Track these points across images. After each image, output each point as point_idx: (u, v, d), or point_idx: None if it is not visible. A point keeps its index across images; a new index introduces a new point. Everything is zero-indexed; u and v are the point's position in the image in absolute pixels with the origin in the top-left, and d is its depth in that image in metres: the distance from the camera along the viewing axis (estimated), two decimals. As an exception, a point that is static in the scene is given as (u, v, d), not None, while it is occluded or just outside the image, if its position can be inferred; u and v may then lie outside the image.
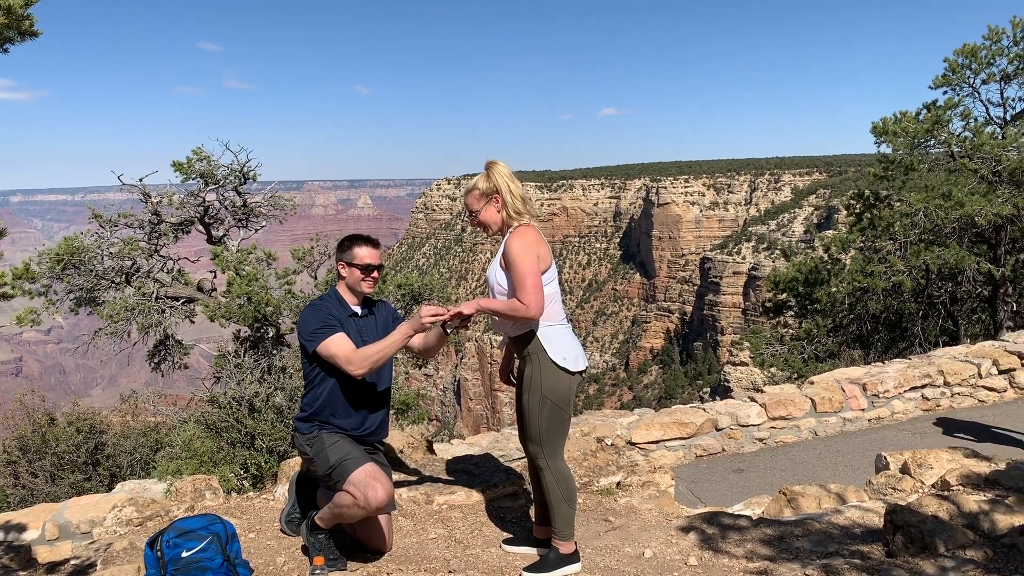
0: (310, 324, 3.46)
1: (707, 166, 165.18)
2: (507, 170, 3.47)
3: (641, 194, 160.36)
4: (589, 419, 7.02)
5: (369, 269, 3.58)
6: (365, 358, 3.37)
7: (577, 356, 3.43)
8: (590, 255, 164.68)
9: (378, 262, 3.61)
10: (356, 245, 3.60)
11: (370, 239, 3.66)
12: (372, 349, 3.39)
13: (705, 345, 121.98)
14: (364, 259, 3.58)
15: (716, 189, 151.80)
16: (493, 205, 3.45)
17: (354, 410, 3.53)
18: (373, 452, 3.65)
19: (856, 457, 6.49)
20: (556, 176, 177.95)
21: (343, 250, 3.62)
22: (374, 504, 3.31)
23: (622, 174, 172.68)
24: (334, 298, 3.61)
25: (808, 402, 7.22)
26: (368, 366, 3.38)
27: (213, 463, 6.03)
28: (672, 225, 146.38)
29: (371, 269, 3.58)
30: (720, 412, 7.04)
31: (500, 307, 3.29)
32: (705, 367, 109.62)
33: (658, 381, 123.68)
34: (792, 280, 14.37)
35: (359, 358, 3.37)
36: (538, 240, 3.37)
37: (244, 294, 9.66)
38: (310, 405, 3.53)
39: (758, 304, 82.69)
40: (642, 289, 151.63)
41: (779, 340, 14.64)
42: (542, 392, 3.36)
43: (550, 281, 3.41)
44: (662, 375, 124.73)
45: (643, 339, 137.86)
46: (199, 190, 11.29)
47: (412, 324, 3.30)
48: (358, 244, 3.60)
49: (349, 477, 3.34)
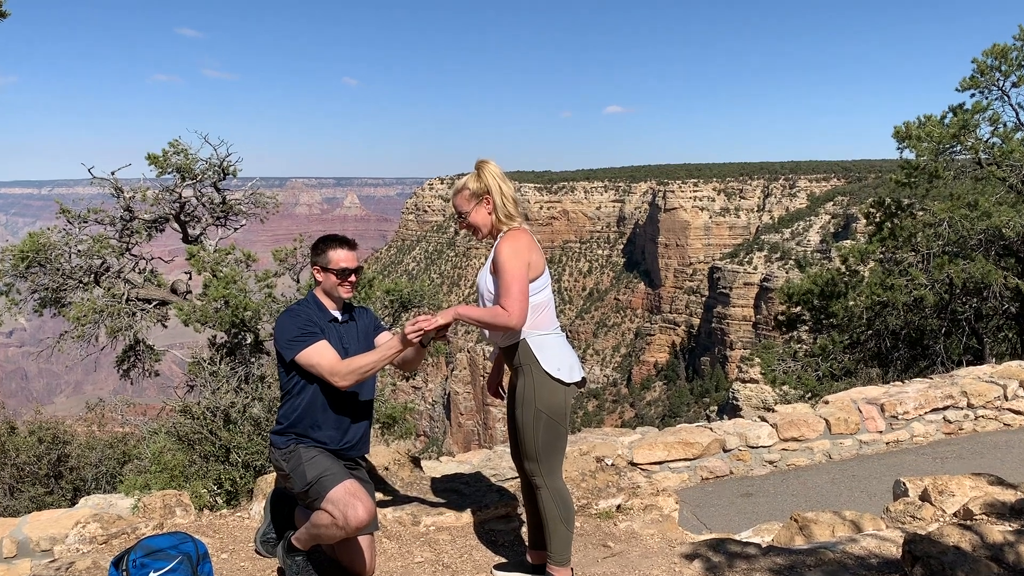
0: (288, 331, 3.46)
1: (718, 169, 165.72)
2: (498, 170, 3.48)
3: (647, 198, 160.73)
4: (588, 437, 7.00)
5: (345, 273, 3.58)
6: (353, 370, 3.37)
7: (572, 366, 3.44)
8: (591, 262, 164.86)
9: (355, 265, 3.61)
10: (330, 248, 3.60)
11: (345, 240, 3.65)
12: (361, 361, 3.39)
13: (713, 360, 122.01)
14: (339, 262, 3.57)
15: (727, 194, 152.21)
16: (483, 207, 3.46)
17: (334, 422, 3.52)
18: (354, 468, 3.64)
19: (873, 482, 6.48)
20: (556, 177, 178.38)
21: (317, 253, 3.62)
22: (354, 524, 3.29)
23: (627, 176, 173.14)
24: (313, 303, 3.61)
25: (822, 423, 7.22)
26: (355, 379, 3.39)
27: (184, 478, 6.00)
28: (679, 232, 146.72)
29: (347, 273, 3.58)
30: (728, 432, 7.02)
31: (480, 315, 3.29)
32: (712, 384, 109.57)
33: (662, 398, 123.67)
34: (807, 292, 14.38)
35: (346, 369, 3.37)
36: (530, 245, 3.38)
37: (221, 297, 9.64)
38: (286, 417, 3.52)
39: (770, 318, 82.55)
40: (646, 299, 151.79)
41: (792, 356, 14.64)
42: (536, 406, 3.36)
43: (542, 288, 3.42)
44: (666, 392, 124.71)
45: (647, 353, 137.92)
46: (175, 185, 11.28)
47: (402, 338, 3.31)
48: (332, 246, 3.60)
49: (328, 495, 3.33)
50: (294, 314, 3.52)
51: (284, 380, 3.54)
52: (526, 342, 3.40)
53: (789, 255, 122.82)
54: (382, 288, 11.26)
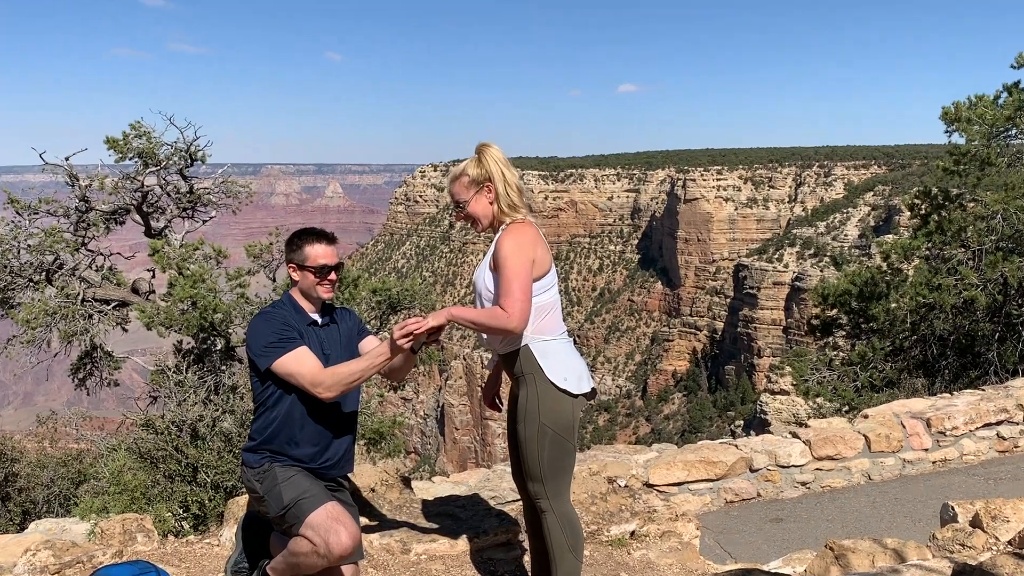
0: (263, 336, 3.46)
1: (744, 155, 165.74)
2: (501, 155, 3.50)
3: (665, 187, 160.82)
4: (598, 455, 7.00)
5: (324, 271, 3.58)
6: (338, 380, 3.37)
7: (580, 375, 3.45)
8: (602, 259, 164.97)
9: (335, 261, 3.62)
10: (307, 242, 3.60)
11: (323, 234, 3.66)
12: (347, 370, 3.39)
13: (738, 369, 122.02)
14: (318, 259, 3.58)
15: (755, 183, 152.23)
16: (484, 195, 3.48)
17: (314, 438, 3.53)
18: (336, 489, 3.65)
19: (917, 506, 6.47)
20: (563, 164, 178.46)
21: (292, 249, 3.63)
22: (337, 552, 3.29)
23: (642, 163, 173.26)
24: (289, 305, 3.62)
25: (861, 440, 7.22)
26: (340, 390, 3.39)
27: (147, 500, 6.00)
28: (701, 225, 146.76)
29: (327, 270, 3.59)
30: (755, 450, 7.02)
31: (476, 317, 3.30)
32: (738, 396, 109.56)
33: (681, 411, 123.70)
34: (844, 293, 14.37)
35: (331, 379, 3.37)
36: (535, 240, 3.39)
37: (188, 298, 9.65)
38: (260, 432, 3.53)
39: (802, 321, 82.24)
40: (664, 301, 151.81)
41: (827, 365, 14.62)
42: (540, 420, 3.37)
43: (547, 288, 3.43)
44: (686, 404, 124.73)
45: (664, 361, 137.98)
46: (137, 173, 11.28)
47: (391, 344, 3.32)
48: (309, 241, 3.61)
49: (307, 519, 3.33)
50: (269, 317, 3.52)
51: (258, 391, 3.54)
52: (529, 348, 3.40)
53: (824, 251, 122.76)
54: (368, 288, 11.27)
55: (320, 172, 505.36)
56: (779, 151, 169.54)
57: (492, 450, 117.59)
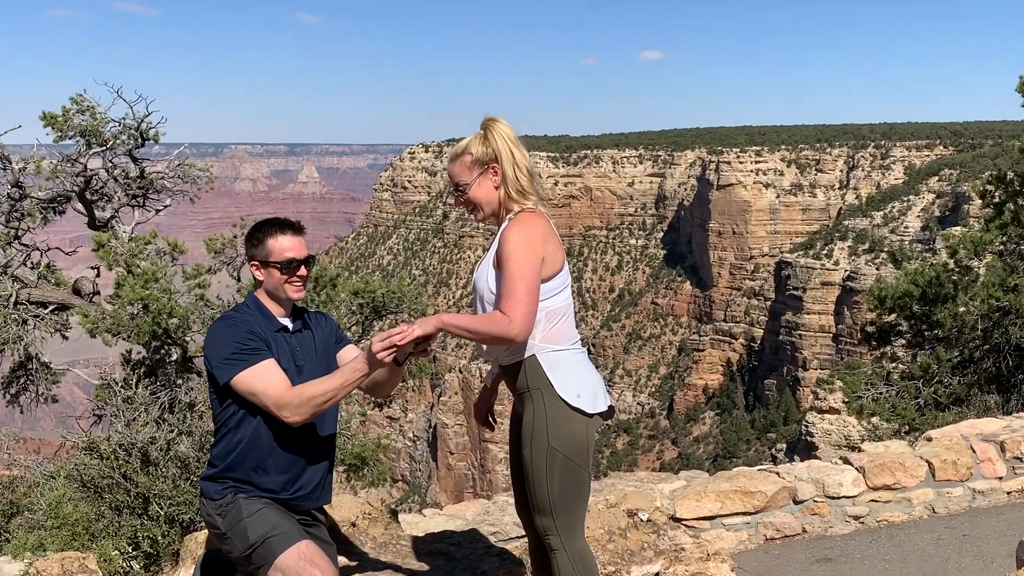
0: (223, 345, 3.47)
1: (788, 134, 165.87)
2: (511, 132, 3.51)
3: (695, 171, 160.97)
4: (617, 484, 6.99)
5: (292, 266, 3.58)
6: (306, 400, 3.37)
7: (596, 392, 3.46)
8: (622, 255, 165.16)
9: (304, 254, 3.62)
10: (269, 235, 3.61)
11: (287, 223, 3.67)
12: (317, 389, 3.38)
13: (780, 384, 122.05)
14: (283, 252, 3.58)
15: (800, 166, 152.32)
16: (489, 178, 3.49)
17: (284, 464, 3.53)
18: (311, 524, 3.65)
19: (990, 543, 6.46)
20: (576, 144, 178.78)
21: (253, 244, 3.63)
22: (311, 598, 3.31)
23: (668, 143, 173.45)
24: (255, 309, 3.62)
25: (923, 466, 7.20)
26: (310, 412, 3.39)
27: (90, 535, 6.00)
28: (737, 215, 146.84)
29: (295, 265, 3.59)
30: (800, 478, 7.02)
31: (471, 323, 3.31)
32: (780, 415, 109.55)
33: (714, 433, 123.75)
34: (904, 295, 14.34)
35: (297, 400, 3.37)
36: (547, 233, 3.40)
37: (138, 300, 9.66)
38: (222, 458, 3.53)
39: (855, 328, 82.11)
40: (694, 304, 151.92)
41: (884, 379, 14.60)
42: (549, 443, 3.38)
43: (559, 290, 3.44)
44: (720, 425, 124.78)
45: (694, 374, 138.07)
46: (79, 154, 11.30)
47: (369, 356, 3.31)
48: (271, 233, 3.61)
49: (276, 561, 3.34)
50: (230, 323, 3.52)
51: (218, 410, 3.54)
52: (536, 360, 3.41)
53: (880, 246, 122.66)
54: (348, 288, 11.27)
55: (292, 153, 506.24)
56: (828, 129, 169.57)
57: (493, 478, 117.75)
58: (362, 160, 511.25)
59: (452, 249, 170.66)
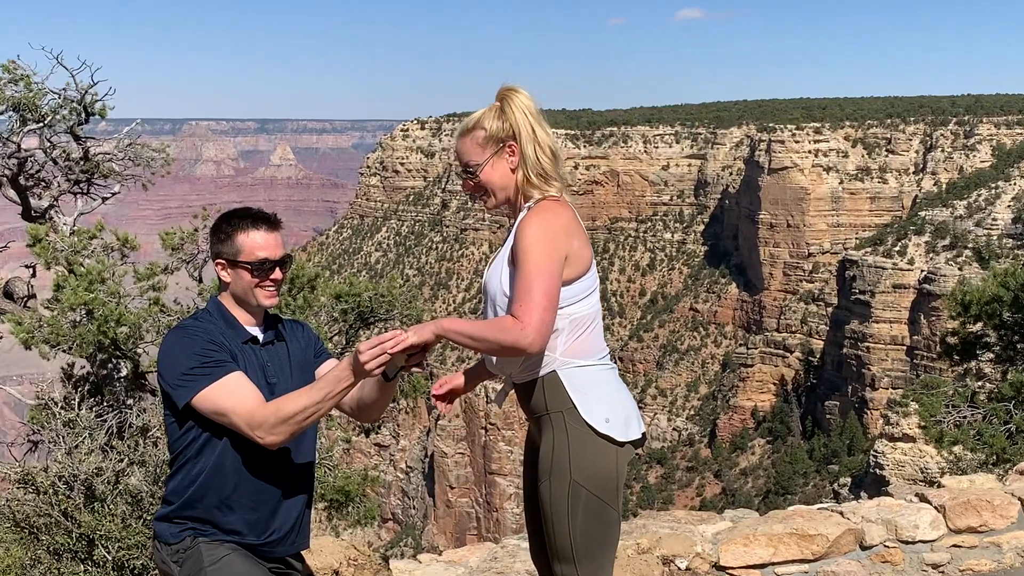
0: (181, 359, 3.46)
1: (853, 108, 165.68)
2: (533, 105, 3.52)
3: (742, 152, 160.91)
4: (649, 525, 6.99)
5: (265, 267, 3.59)
6: (285, 417, 3.37)
7: (628, 416, 3.47)
8: (655, 251, 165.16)
9: (279, 253, 3.63)
10: (240, 229, 3.61)
11: (262, 216, 3.67)
12: (296, 404, 3.38)
13: (844, 406, 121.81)
14: (256, 250, 3.58)
15: (867, 146, 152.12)
16: (504, 159, 3.50)
17: (252, 501, 3.54)
18: (285, 573, 3.66)
19: (1097, 599, 6.44)
20: (600, 120, 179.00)
21: (220, 239, 3.64)
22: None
23: (710, 118, 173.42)
24: (218, 316, 3.63)
25: (1016, 505, 7.19)
26: (289, 431, 3.39)
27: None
28: (793, 204, 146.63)
29: (268, 267, 3.59)
30: (868, 519, 7.01)
31: (475, 330, 3.33)
32: (843, 443, 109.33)
33: (765, 464, 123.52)
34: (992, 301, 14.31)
35: (275, 417, 3.37)
36: (572, 226, 3.41)
37: (82, 305, 9.68)
38: (179, 493, 3.53)
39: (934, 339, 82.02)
40: (741, 310, 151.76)
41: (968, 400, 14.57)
42: (571, 476, 3.37)
43: (585, 294, 3.46)
44: (771, 455, 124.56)
45: (741, 394, 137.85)
46: (11, 132, 11.34)
47: (354, 365, 3.31)
48: (242, 227, 3.62)
49: None
50: (188, 333, 3.53)
51: (175, 436, 3.55)
52: (557, 377, 3.41)
53: (964, 242, 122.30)
54: (329, 291, 11.30)
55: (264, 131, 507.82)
56: (901, 102, 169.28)
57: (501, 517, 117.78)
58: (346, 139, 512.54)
59: (452, 245, 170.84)
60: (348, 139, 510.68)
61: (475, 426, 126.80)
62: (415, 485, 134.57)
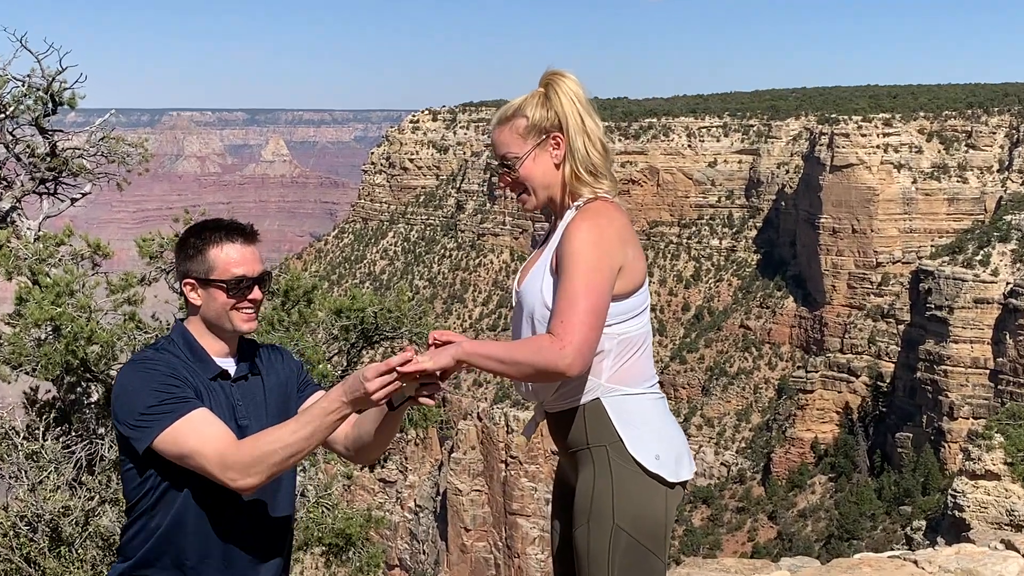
0: (139, 396, 3.41)
1: (928, 96, 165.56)
2: (582, 92, 3.56)
3: (801, 147, 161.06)
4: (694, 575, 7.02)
5: (242, 285, 3.53)
6: (261, 456, 3.31)
7: (679, 453, 3.50)
8: (700, 261, 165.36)
9: (258, 270, 3.58)
10: (211, 243, 3.55)
11: (237, 228, 3.60)
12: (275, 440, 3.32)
13: (918, 438, 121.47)
14: (231, 267, 3.53)
15: (944, 140, 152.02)
16: (548, 151, 3.51)
17: (221, 559, 3.51)
18: None
19: None
20: (637, 110, 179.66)
21: (189, 255, 3.57)
22: None
23: (763, 108, 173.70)
24: (183, 346, 3.58)
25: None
26: (267, 472, 3.34)
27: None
28: (859, 207, 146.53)
29: (247, 284, 3.54)
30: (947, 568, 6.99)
31: (506, 352, 3.28)
32: (917, 481, 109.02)
33: (827, 505, 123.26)
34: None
35: (249, 456, 3.31)
36: (625, 232, 3.42)
37: (47, 321, 9.71)
38: (135, 546, 3.52)
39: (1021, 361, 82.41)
40: (799, 328, 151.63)
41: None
42: (614, 521, 3.36)
43: (637, 312, 3.47)
44: (834, 494, 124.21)
45: (799, 424, 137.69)
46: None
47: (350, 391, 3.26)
48: (215, 241, 3.56)
49: None
50: (147, 368, 3.47)
51: (132, 484, 3.52)
52: (601, 406, 3.39)
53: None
54: (328, 306, 11.31)
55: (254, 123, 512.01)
56: (984, 89, 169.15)
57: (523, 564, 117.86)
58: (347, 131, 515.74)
59: (468, 253, 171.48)
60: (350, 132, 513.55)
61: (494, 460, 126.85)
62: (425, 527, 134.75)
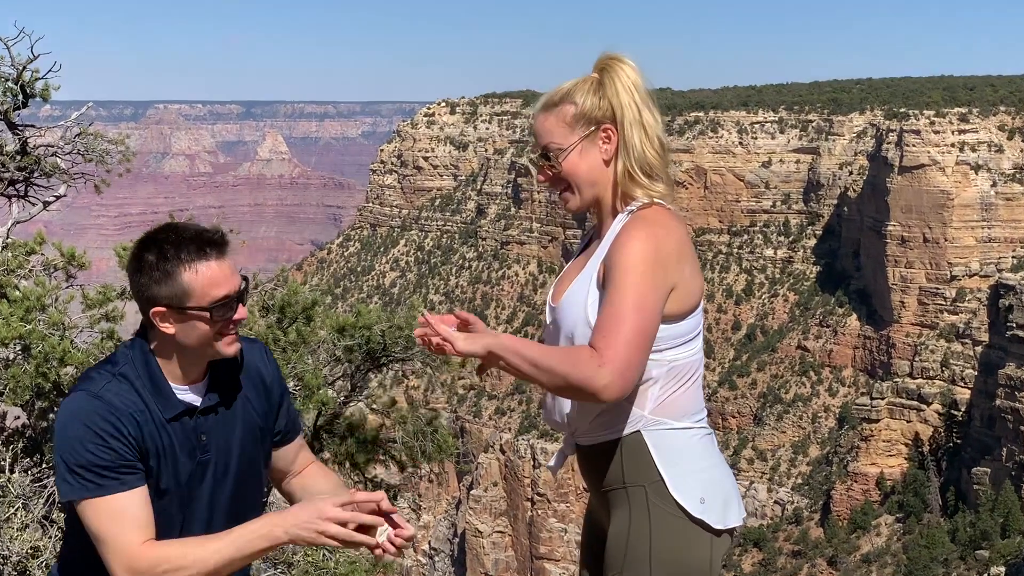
0: (72, 446, 3.32)
1: (1009, 88, 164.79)
2: (641, 81, 3.51)
3: (866, 145, 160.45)
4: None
5: (229, 307, 3.40)
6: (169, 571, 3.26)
7: (728, 497, 3.50)
8: (752, 273, 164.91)
9: (238, 281, 3.43)
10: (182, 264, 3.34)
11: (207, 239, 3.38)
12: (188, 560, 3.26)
13: (998, 474, 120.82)
14: (211, 289, 3.35)
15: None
16: (597, 145, 3.49)
17: None
18: None
19: None
20: (682, 103, 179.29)
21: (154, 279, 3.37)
22: None
23: (823, 102, 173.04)
24: (144, 375, 3.47)
25: None
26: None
27: None
28: (931, 213, 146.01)
29: (231, 304, 3.41)
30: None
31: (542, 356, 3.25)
32: (996, 521, 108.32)
33: (894, 548, 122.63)
34: None
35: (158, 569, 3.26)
36: (684, 246, 3.41)
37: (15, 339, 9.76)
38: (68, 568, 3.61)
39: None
40: (864, 349, 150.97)
41: None
42: (651, 570, 3.35)
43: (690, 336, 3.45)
44: (902, 535, 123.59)
45: (863, 457, 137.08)
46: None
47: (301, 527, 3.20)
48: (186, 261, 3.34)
49: None
50: (90, 420, 3.33)
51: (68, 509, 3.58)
52: (642, 440, 3.40)
53: None
54: (331, 323, 11.31)
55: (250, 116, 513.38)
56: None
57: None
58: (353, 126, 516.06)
59: (490, 263, 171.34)
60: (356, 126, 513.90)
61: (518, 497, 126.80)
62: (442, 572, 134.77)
